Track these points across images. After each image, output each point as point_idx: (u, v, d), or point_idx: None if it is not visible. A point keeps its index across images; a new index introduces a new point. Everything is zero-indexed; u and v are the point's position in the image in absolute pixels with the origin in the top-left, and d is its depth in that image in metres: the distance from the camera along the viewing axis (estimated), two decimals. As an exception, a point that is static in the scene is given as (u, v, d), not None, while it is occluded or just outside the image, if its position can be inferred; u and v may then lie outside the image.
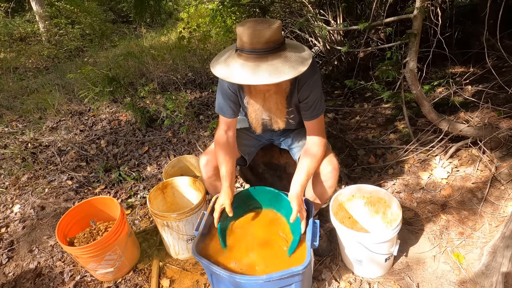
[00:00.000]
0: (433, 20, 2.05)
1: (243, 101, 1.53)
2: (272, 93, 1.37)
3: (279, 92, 1.38)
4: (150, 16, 6.52)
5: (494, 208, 1.84)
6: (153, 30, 7.70)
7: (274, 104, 1.42)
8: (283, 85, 1.37)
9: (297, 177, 1.42)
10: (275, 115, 1.49)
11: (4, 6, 7.47)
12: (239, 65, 1.18)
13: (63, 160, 2.83)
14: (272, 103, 1.41)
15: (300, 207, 1.36)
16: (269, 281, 1.18)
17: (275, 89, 1.36)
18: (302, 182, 1.40)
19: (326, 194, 1.58)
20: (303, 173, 1.42)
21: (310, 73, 1.40)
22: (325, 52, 3.63)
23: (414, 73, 2.12)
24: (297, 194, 1.37)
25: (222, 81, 1.50)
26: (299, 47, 1.30)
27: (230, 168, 1.50)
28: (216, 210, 1.44)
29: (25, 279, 1.82)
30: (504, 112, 2.35)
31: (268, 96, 1.39)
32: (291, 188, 1.41)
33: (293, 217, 1.36)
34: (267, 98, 1.40)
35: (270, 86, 1.33)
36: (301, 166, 1.45)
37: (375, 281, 1.58)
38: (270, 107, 1.43)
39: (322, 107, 1.48)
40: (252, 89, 1.38)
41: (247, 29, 1.14)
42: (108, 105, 3.75)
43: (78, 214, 1.79)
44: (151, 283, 1.69)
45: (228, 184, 1.47)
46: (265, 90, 1.36)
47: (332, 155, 1.53)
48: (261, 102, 1.42)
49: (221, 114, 1.54)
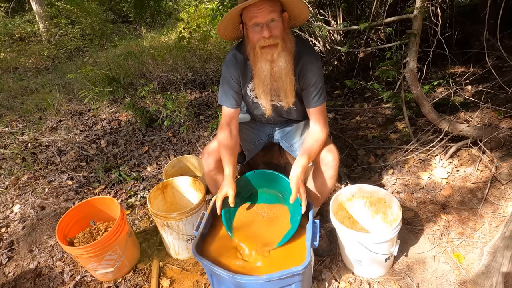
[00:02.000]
0: (433, 20, 2.05)
1: (247, 89, 1.54)
2: (280, 50, 1.35)
3: (286, 49, 1.37)
4: (150, 16, 6.52)
5: (494, 208, 1.84)
6: (153, 30, 7.70)
7: (284, 66, 1.38)
8: (288, 44, 1.38)
9: (298, 159, 1.44)
10: (285, 83, 1.43)
11: (4, 6, 7.47)
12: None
13: (63, 160, 2.83)
14: (281, 62, 1.37)
15: (299, 188, 1.37)
16: (269, 281, 1.18)
17: (282, 46, 1.35)
18: (302, 163, 1.41)
19: (327, 185, 1.58)
20: (304, 155, 1.43)
21: (313, 59, 1.42)
22: (325, 52, 3.63)
23: (414, 73, 2.11)
24: (297, 175, 1.38)
25: (225, 70, 1.53)
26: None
27: (235, 167, 1.51)
28: (218, 198, 1.45)
29: (25, 279, 1.82)
30: (504, 112, 2.35)
31: (277, 56, 1.36)
32: (292, 169, 1.42)
33: (292, 198, 1.38)
34: (275, 59, 1.37)
35: (277, 40, 1.32)
36: (302, 149, 1.47)
37: (375, 281, 1.58)
38: (280, 71, 1.39)
39: (324, 96, 1.50)
40: (259, 50, 1.36)
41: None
42: (108, 105, 3.75)
43: (78, 214, 1.79)
44: (151, 283, 1.69)
45: (231, 175, 1.48)
46: (273, 47, 1.34)
47: (332, 145, 1.54)
48: (269, 65, 1.39)
49: (224, 104, 1.56)
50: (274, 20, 1.31)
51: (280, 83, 1.45)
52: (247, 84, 1.55)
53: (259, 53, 1.37)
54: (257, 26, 1.32)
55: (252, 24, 1.33)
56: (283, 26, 1.36)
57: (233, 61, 1.52)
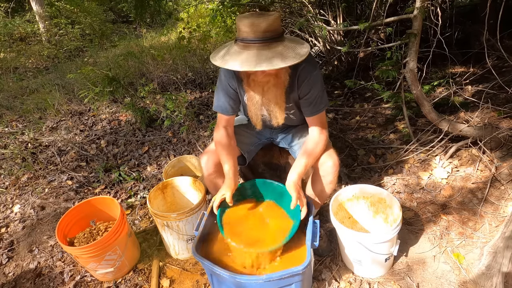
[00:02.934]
0: (433, 20, 2.05)
1: (243, 99, 1.53)
2: (271, 85, 1.36)
3: (278, 84, 1.38)
4: (150, 16, 6.53)
5: (494, 208, 1.84)
6: (153, 30, 7.70)
7: (273, 97, 1.42)
8: (282, 77, 1.37)
9: (294, 166, 1.42)
10: (274, 110, 1.48)
11: (4, 6, 7.47)
12: (240, 53, 1.22)
13: (63, 160, 2.83)
14: (271, 95, 1.41)
15: (299, 194, 1.35)
16: (269, 280, 1.18)
17: (274, 81, 1.35)
18: (299, 171, 1.39)
19: (325, 191, 1.57)
20: (301, 162, 1.42)
21: (310, 69, 1.41)
22: (325, 52, 3.63)
23: (414, 73, 2.11)
24: (294, 181, 1.37)
25: (223, 79, 1.51)
26: (297, 40, 1.34)
27: (233, 163, 1.50)
28: (217, 199, 1.43)
29: (25, 279, 1.82)
30: (504, 112, 2.35)
31: (267, 89, 1.38)
32: (288, 177, 1.40)
33: (293, 204, 1.34)
34: (266, 91, 1.39)
35: (269, 78, 1.33)
36: (299, 156, 1.46)
37: (375, 281, 1.58)
38: (269, 100, 1.43)
39: (324, 103, 1.48)
40: (251, 81, 1.38)
41: (247, 19, 1.20)
42: (108, 105, 3.75)
43: (78, 214, 1.79)
44: (151, 283, 1.69)
45: (231, 177, 1.46)
46: (264, 82, 1.35)
47: (332, 150, 1.53)
48: (260, 95, 1.41)
49: (220, 112, 1.55)
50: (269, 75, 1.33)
51: (271, 108, 1.48)
52: (244, 94, 1.53)
53: (251, 84, 1.38)
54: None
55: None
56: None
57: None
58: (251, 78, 1.36)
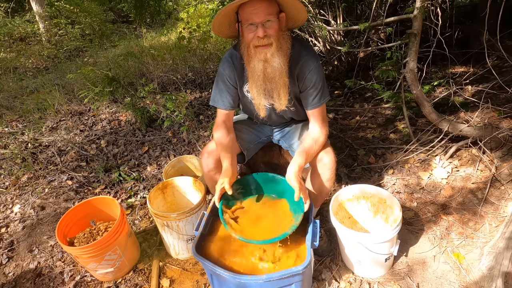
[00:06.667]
0: (433, 20, 2.05)
1: (243, 90, 1.53)
2: (274, 50, 1.34)
3: (281, 51, 1.35)
4: (150, 16, 6.52)
5: (494, 208, 1.84)
6: (153, 30, 7.69)
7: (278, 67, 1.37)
8: (284, 45, 1.36)
9: (295, 158, 1.40)
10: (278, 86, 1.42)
11: (4, 6, 7.47)
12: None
13: (63, 160, 2.83)
14: (275, 64, 1.36)
15: (301, 185, 1.32)
16: (269, 281, 1.18)
17: (276, 45, 1.33)
18: (299, 163, 1.37)
19: (324, 187, 1.57)
20: (302, 154, 1.40)
21: (311, 61, 1.40)
22: (325, 52, 3.63)
23: (414, 73, 2.11)
24: (295, 172, 1.34)
25: (222, 73, 1.52)
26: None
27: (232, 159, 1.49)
28: (217, 190, 1.39)
29: (25, 279, 1.82)
30: (504, 112, 2.35)
31: (270, 57, 1.35)
32: (288, 169, 1.37)
33: (296, 195, 1.30)
34: (269, 60, 1.35)
35: (271, 40, 1.31)
36: (300, 148, 1.44)
37: (375, 281, 1.58)
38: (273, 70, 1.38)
39: (325, 96, 1.48)
40: (252, 49, 1.35)
41: None
42: (108, 105, 3.75)
43: (78, 214, 1.79)
44: (151, 283, 1.69)
45: (228, 166, 1.44)
46: (266, 47, 1.33)
47: (329, 147, 1.53)
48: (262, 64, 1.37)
49: (218, 106, 1.55)
50: (269, 20, 1.30)
51: (274, 84, 1.43)
52: (244, 85, 1.53)
53: (252, 52, 1.36)
54: (252, 25, 1.31)
55: (247, 24, 1.32)
56: (279, 26, 1.34)
57: (230, 61, 1.50)
58: (252, 44, 1.34)
